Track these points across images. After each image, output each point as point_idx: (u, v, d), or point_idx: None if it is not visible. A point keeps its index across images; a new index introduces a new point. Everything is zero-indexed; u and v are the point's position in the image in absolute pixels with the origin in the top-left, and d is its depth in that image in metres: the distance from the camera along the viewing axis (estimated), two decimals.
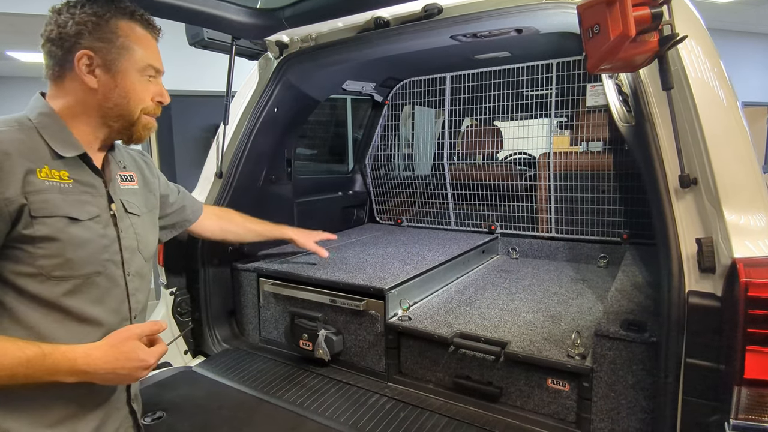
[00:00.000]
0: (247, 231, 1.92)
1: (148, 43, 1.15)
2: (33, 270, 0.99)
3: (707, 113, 1.26)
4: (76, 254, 1.04)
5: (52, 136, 1.05)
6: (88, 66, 1.07)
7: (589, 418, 1.51)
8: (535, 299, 2.13)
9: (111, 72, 1.09)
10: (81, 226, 1.05)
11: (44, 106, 1.08)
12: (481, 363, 1.73)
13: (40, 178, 1.00)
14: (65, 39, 1.06)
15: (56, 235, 1.00)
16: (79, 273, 1.05)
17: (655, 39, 1.12)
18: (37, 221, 0.98)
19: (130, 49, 1.11)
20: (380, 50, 2.18)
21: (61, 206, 1.02)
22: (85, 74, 1.07)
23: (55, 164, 1.04)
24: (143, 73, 1.14)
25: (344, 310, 2.00)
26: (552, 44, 2.34)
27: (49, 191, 1.01)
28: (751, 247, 1.15)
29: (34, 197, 0.98)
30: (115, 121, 1.13)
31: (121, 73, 1.10)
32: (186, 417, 1.70)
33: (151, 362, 1.09)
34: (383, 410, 1.71)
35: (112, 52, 1.08)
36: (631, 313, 1.55)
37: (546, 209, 2.89)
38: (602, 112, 2.64)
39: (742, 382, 1.08)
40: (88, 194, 1.09)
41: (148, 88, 1.16)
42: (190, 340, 2.30)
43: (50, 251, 1.00)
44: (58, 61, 1.07)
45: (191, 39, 2.19)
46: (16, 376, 0.94)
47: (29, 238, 0.98)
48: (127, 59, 1.10)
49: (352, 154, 3.77)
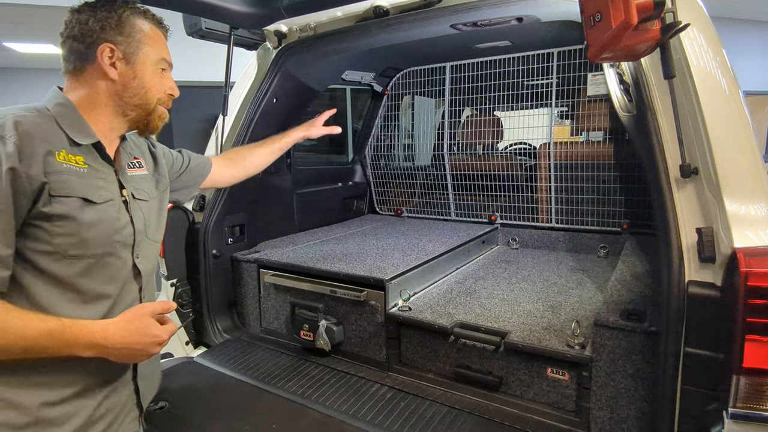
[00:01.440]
0: (261, 158, 1.90)
1: (161, 40, 1.26)
2: (50, 248, 1.04)
3: (709, 102, 1.25)
4: (90, 234, 1.09)
5: (68, 124, 1.11)
6: (110, 58, 1.15)
7: (588, 407, 1.52)
8: (535, 289, 2.14)
9: (130, 63, 1.18)
10: (95, 208, 1.11)
11: (61, 97, 1.15)
12: (481, 353, 1.74)
13: (58, 160, 1.06)
14: (88, 35, 1.14)
15: (72, 214, 1.06)
16: (92, 252, 1.10)
17: (657, 27, 1.10)
18: (55, 200, 1.03)
19: (147, 44, 1.21)
20: (380, 40, 2.16)
21: (77, 188, 1.08)
22: (108, 65, 1.15)
23: (72, 150, 1.10)
24: (158, 66, 1.23)
25: (345, 300, 2.00)
26: (553, 33, 2.32)
27: (66, 173, 1.07)
28: (752, 236, 1.15)
29: (54, 177, 1.04)
30: (133, 110, 1.21)
31: (139, 65, 1.19)
32: (188, 407, 1.71)
33: (165, 338, 1.14)
34: (384, 400, 1.72)
35: (131, 45, 1.18)
36: (631, 303, 1.56)
37: (546, 199, 2.88)
38: (603, 101, 2.63)
39: (741, 371, 1.09)
40: (101, 180, 1.15)
41: (163, 80, 1.25)
42: (191, 331, 2.31)
43: (66, 230, 1.05)
44: (80, 55, 1.15)
45: (189, 29, 2.17)
46: (35, 348, 0.99)
47: (47, 216, 1.03)
48: (144, 52, 1.20)
49: (351, 145, 3.75)
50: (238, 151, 1.91)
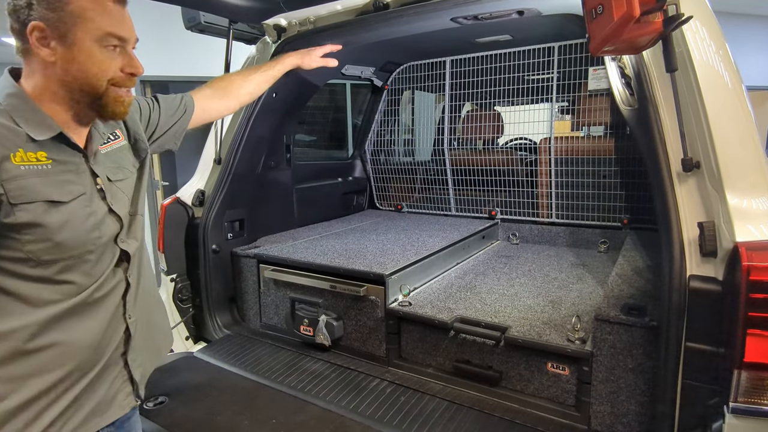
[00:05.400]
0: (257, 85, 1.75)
1: (107, 9, 1.03)
2: (23, 255, 0.98)
3: (711, 96, 1.24)
4: (63, 236, 1.01)
5: (23, 118, 1.00)
6: (42, 39, 0.99)
7: (588, 402, 1.52)
8: (536, 284, 2.13)
9: (66, 43, 0.99)
10: (64, 208, 1.02)
11: (11, 86, 1.02)
12: (481, 348, 1.73)
13: (15, 163, 0.95)
14: (20, 12, 0.98)
15: (38, 220, 0.98)
16: (69, 255, 1.03)
17: (660, 20, 1.09)
18: (17, 208, 0.95)
19: (84, 18, 1.00)
20: (379, 33, 2.15)
21: (41, 190, 0.98)
22: (40, 48, 0.99)
23: (31, 146, 0.99)
24: (103, 43, 1.03)
25: (345, 295, 2.00)
26: (554, 27, 2.30)
27: (26, 176, 0.97)
28: (753, 231, 1.14)
29: (11, 184, 0.94)
30: (81, 96, 1.05)
31: (77, 45, 1.00)
32: (188, 402, 1.71)
33: None
34: (384, 394, 1.72)
35: (65, 20, 0.98)
36: (632, 298, 1.55)
37: (546, 194, 2.88)
38: (604, 96, 2.61)
39: (742, 365, 1.09)
40: (70, 173, 1.05)
41: (113, 59, 1.05)
42: (191, 326, 2.31)
43: (37, 236, 0.98)
44: (18, 36, 1.01)
45: (188, 23, 2.15)
46: None
47: (12, 226, 0.96)
48: (81, 28, 1.00)
49: (351, 140, 3.74)
50: (231, 79, 1.71)
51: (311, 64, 1.87)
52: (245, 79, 1.71)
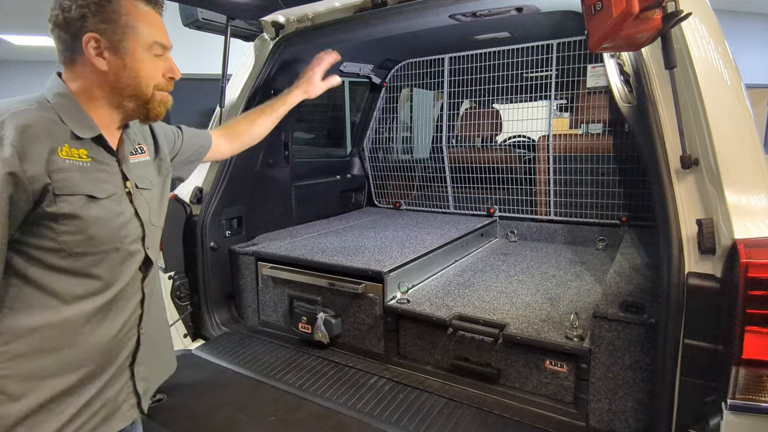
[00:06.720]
0: (262, 128, 1.83)
1: (152, 20, 1.15)
2: (56, 245, 1.03)
3: (710, 93, 1.24)
4: (96, 231, 1.07)
5: (70, 117, 1.07)
6: (96, 49, 1.08)
7: (586, 399, 1.52)
8: (534, 282, 2.13)
9: (119, 53, 1.10)
10: (99, 204, 1.08)
11: (61, 86, 1.10)
12: (479, 345, 1.73)
13: (61, 156, 1.03)
14: (71, 23, 1.06)
15: (77, 212, 1.04)
16: (99, 249, 1.09)
17: (659, 16, 1.09)
18: (60, 199, 1.01)
19: (135, 28, 1.11)
20: (378, 30, 2.14)
21: (81, 185, 1.05)
22: (95, 57, 1.08)
23: (75, 143, 1.07)
24: (150, 51, 1.14)
25: (343, 293, 2.00)
26: (553, 23, 2.30)
27: (70, 170, 1.04)
28: (752, 228, 1.14)
29: (57, 176, 1.01)
30: (130, 101, 1.15)
31: (129, 53, 1.11)
32: (186, 399, 1.71)
33: None
34: (382, 392, 1.72)
35: (117, 32, 1.09)
36: (630, 295, 1.55)
37: (545, 192, 2.88)
38: (602, 93, 2.61)
39: (740, 362, 1.09)
40: (105, 173, 1.12)
41: (158, 65, 1.16)
42: (189, 324, 2.31)
43: (72, 227, 1.04)
44: (68, 46, 1.09)
45: (185, 20, 2.14)
46: None
47: (53, 216, 1.01)
48: (132, 38, 1.11)
49: (350, 138, 3.74)
50: (239, 125, 1.83)
51: (317, 92, 1.90)
52: (252, 123, 1.81)
